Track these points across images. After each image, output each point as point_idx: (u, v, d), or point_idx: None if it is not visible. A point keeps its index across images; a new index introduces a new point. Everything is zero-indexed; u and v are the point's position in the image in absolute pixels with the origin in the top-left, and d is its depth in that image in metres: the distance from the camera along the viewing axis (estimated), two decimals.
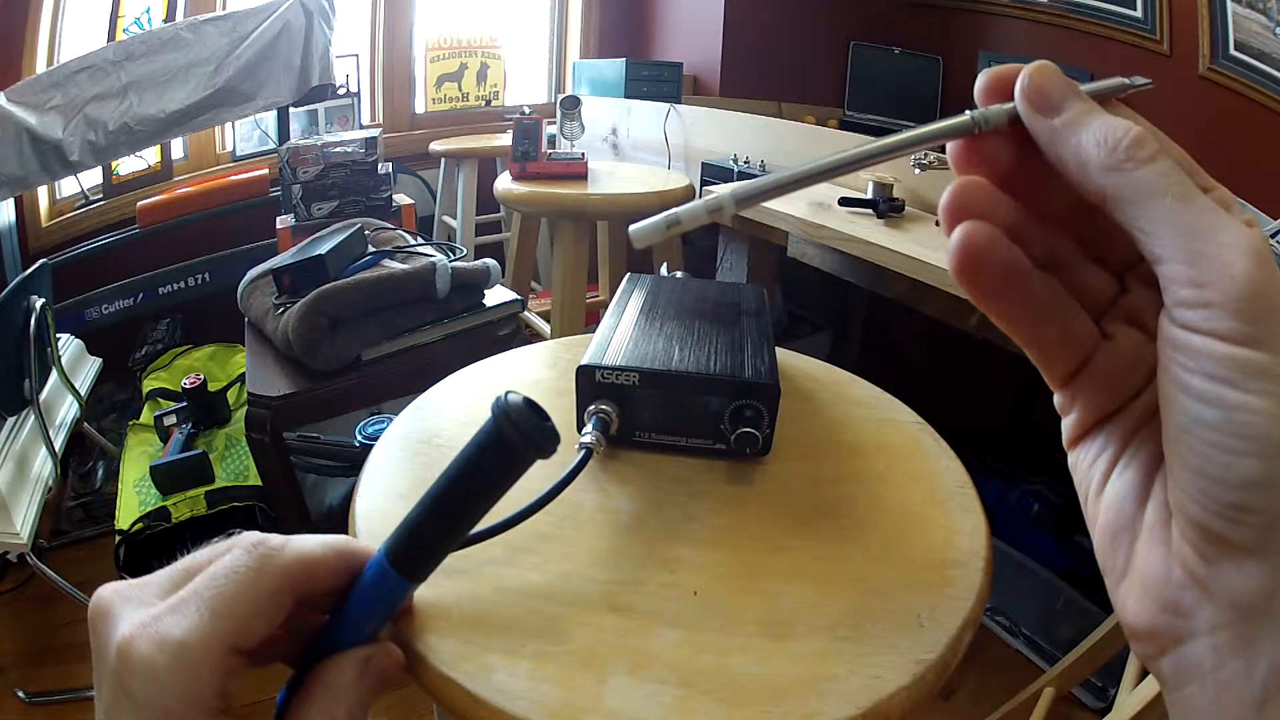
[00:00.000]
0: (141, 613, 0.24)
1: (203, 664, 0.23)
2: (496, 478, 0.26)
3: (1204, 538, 0.17)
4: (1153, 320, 0.19)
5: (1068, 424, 0.23)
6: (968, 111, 0.21)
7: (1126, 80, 0.22)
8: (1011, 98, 0.21)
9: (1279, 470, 0.16)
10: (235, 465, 1.37)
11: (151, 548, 1.24)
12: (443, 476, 0.27)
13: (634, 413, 0.46)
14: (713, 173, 1.86)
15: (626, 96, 2.33)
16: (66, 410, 1.48)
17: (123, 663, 0.23)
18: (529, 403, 0.25)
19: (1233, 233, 0.17)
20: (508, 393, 0.25)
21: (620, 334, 0.50)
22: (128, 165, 2.07)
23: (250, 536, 0.26)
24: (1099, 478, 0.21)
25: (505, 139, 2.27)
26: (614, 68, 2.43)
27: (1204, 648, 0.18)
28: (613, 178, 1.63)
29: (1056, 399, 0.23)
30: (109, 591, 0.25)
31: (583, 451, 0.43)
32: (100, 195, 2.05)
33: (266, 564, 0.25)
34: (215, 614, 0.24)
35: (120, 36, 1.95)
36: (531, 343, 0.67)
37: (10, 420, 1.35)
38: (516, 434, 0.24)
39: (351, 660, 0.27)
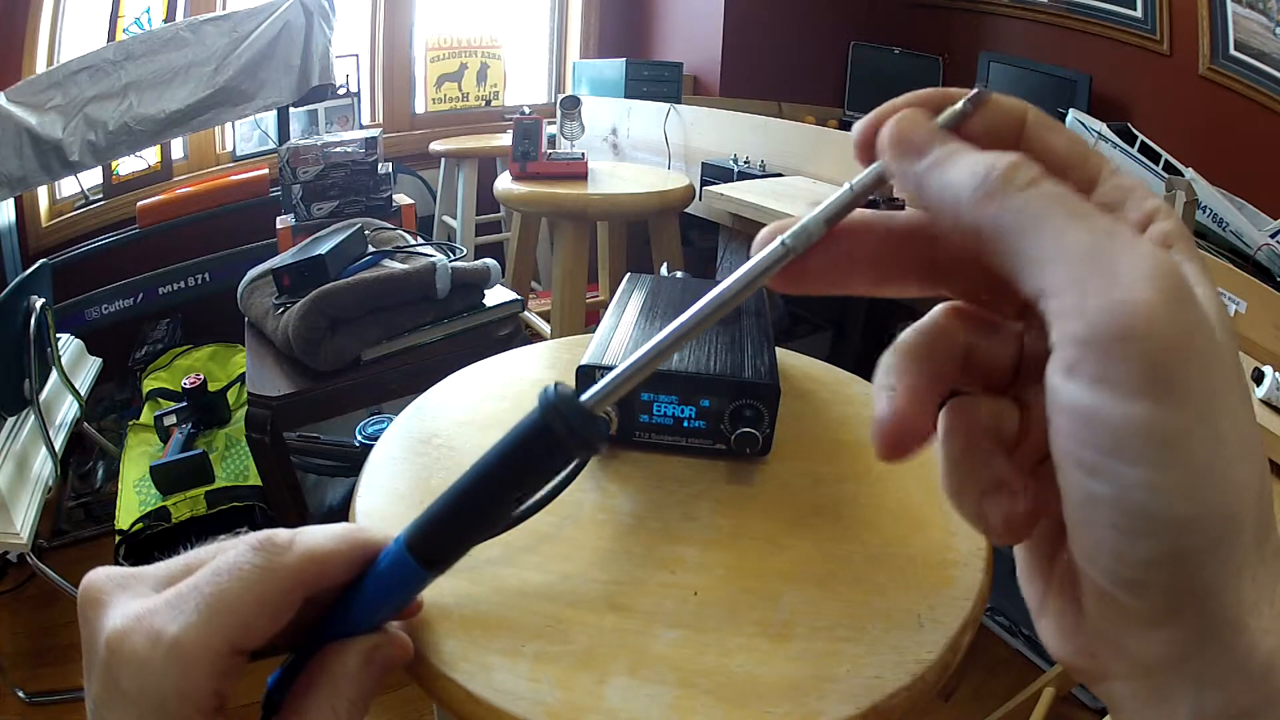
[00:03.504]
0: (135, 604, 0.23)
1: (199, 663, 0.22)
2: (536, 471, 0.25)
3: (1106, 605, 0.17)
4: None
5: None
6: (779, 239, 0.20)
7: (967, 100, 0.19)
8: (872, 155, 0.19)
9: (1180, 545, 0.14)
10: (235, 465, 1.37)
11: (151, 548, 1.24)
12: (477, 465, 0.25)
13: (634, 413, 0.47)
14: (712, 173, 1.86)
15: (626, 96, 2.34)
16: (66, 410, 1.48)
17: (113, 655, 0.22)
18: (578, 394, 0.23)
19: (1137, 256, 0.14)
20: (556, 383, 0.23)
21: (620, 334, 0.50)
22: (128, 165, 2.07)
23: (257, 533, 0.25)
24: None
25: (505, 139, 2.27)
26: (614, 68, 2.43)
27: (1123, 691, 0.18)
28: (613, 178, 1.63)
29: None
30: (101, 577, 0.24)
31: None
32: (100, 195, 2.05)
33: (274, 562, 0.24)
34: (215, 612, 0.23)
35: (120, 36, 1.95)
36: (531, 343, 0.67)
37: (10, 420, 1.35)
38: (565, 427, 0.22)
39: (357, 649, 0.26)
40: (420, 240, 1.33)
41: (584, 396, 0.22)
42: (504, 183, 1.56)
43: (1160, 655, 0.16)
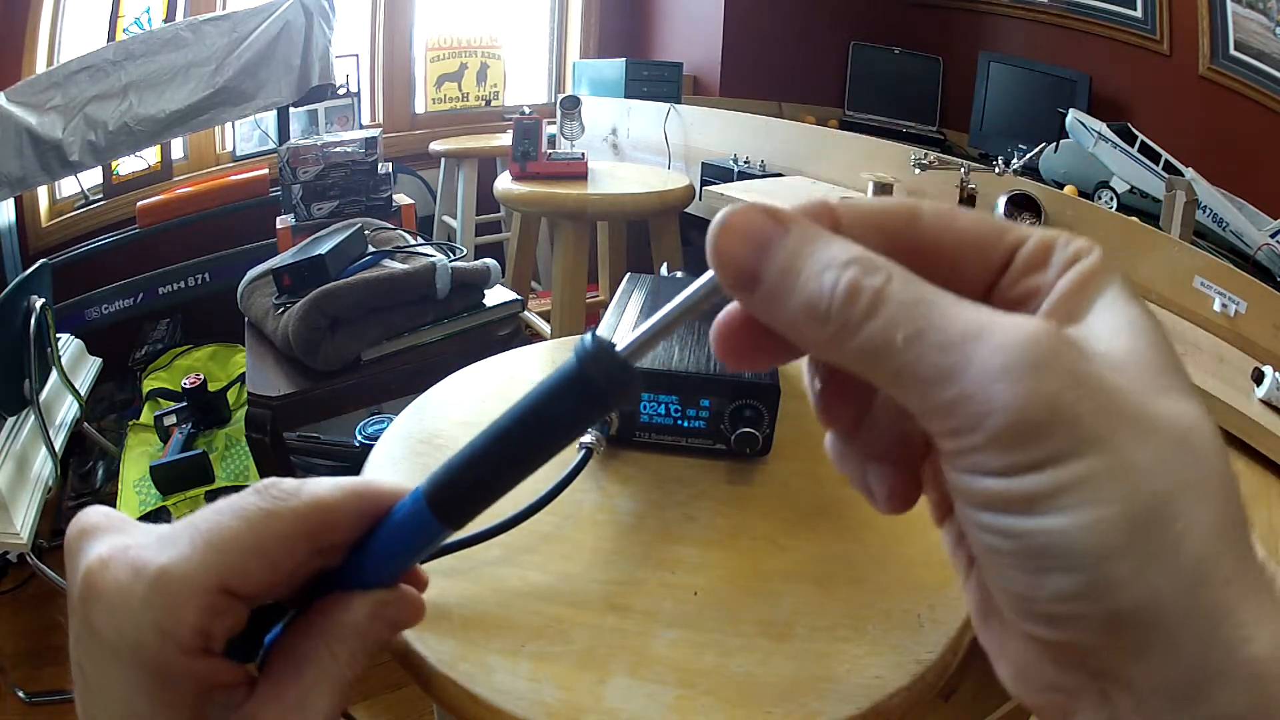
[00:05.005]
0: (123, 538, 0.21)
1: (183, 595, 0.20)
2: (572, 422, 0.23)
3: (1047, 646, 0.16)
4: None
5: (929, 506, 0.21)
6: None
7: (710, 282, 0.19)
8: None
9: (1095, 578, 0.14)
10: (235, 465, 1.37)
11: None
12: (507, 416, 0.24)
13: (634, 413, 0.47)
14: (713, 173, 1.86)
15: (626, 96, 2.34)
16: (66, 410, 1.48)
17: (88, 588, 0.20)
18: (613, 345, 0.23)
19: (987, 356, 0.14)
20: (592, 332, 0.23)
21: (621, 334, 0.50)
22: (128, 165, 2.07)
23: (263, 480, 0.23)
24: (963, 562, 0.20)
25: (505, 139, 2.26)
26: (614, 68, 2.43)
27: None
28: (613, 178, 1.63)
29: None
30: (97, 513, 0.22)
31: (583, 451, 0.43)
32: (100, 195, 2.05)
33: (278, 505, 0.22)
34: (209, 546, 0.21)
35: (120, 36, 1.95)
36: (531, 343, 0.67)
37: (10, 420, 1.35)
38: (603, 375, 0.22)
39: (365, 601, 0.24)
40: (420, 240, 1.33)
41: (620, 347, 0.21)
42: (504, 183, 1.56)
43: (1125, 677, 0.15)
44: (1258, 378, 0.91)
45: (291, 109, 2.08)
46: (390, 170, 1.89)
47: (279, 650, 0.23)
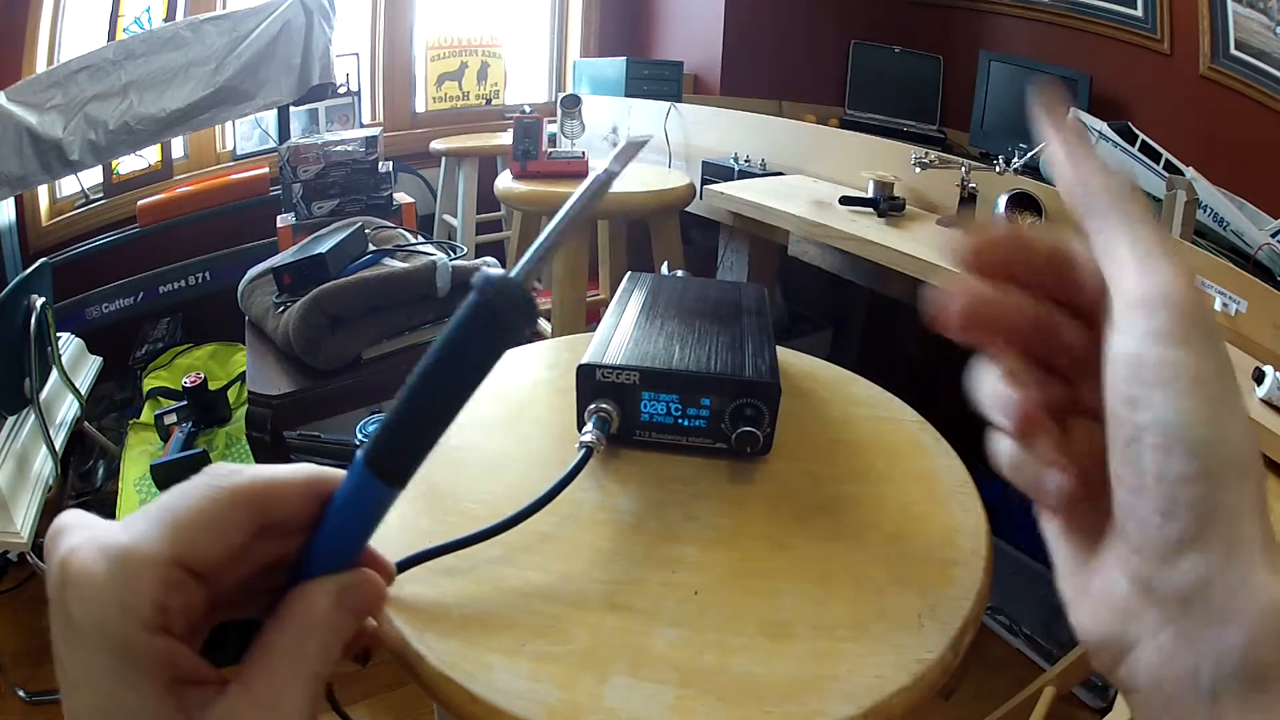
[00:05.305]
0: (95, 531, 0.23)
1: (143, 571, 0.21)
2: (483, 351, 0.25)
3: (1142, 546, 0.19)
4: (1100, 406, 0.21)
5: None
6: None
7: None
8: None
9: (1207, 464, 0.18)
10: (236, 464, 1.37)
11: None
12: (422, 364, 0.26)
13: (634, 412, 0.46)
14: (713, 171, 1.86)
15: (627, 95, 2.33)
16: (67, 409, 1.48)
17: (63, 575, 0.21)
18: (508, 274, 0.24)
19: (1171, 254, 0.20)
20: (484, 267, 0.25)
21: (621, 333, 0.50)
22: (128, 164, 2.07)
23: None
24: (1063, 518, 0.23)
25: (506, 138, 2.26)
26: (614, 66, 2.43)
27: (1150, 650, 0.19)
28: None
29: None
30: (73, 514, 0.24)
31: (583, 450, 0.43)
32: (100, 194, 2.05)
33: (224, 481, 0.24)
34: (163, 524, 0.22)
35: (120, 36, 1.95)
36: (532, 342, 0.67)
37: (11, 419, 1.35)
38: (501, 299, 0.24)
39: (325, 589, 0.24)
40: (421, 239, 1.33)
41: (513, 273, 0.24)
42: (505, 181, 1.56)
43: (1187, 582, 0.18)
44: (1258, 378, 0.90)
45: (292, 108, 2.08)
46: (391, 169, 1.89)
47: (251, 649, 0.24)
